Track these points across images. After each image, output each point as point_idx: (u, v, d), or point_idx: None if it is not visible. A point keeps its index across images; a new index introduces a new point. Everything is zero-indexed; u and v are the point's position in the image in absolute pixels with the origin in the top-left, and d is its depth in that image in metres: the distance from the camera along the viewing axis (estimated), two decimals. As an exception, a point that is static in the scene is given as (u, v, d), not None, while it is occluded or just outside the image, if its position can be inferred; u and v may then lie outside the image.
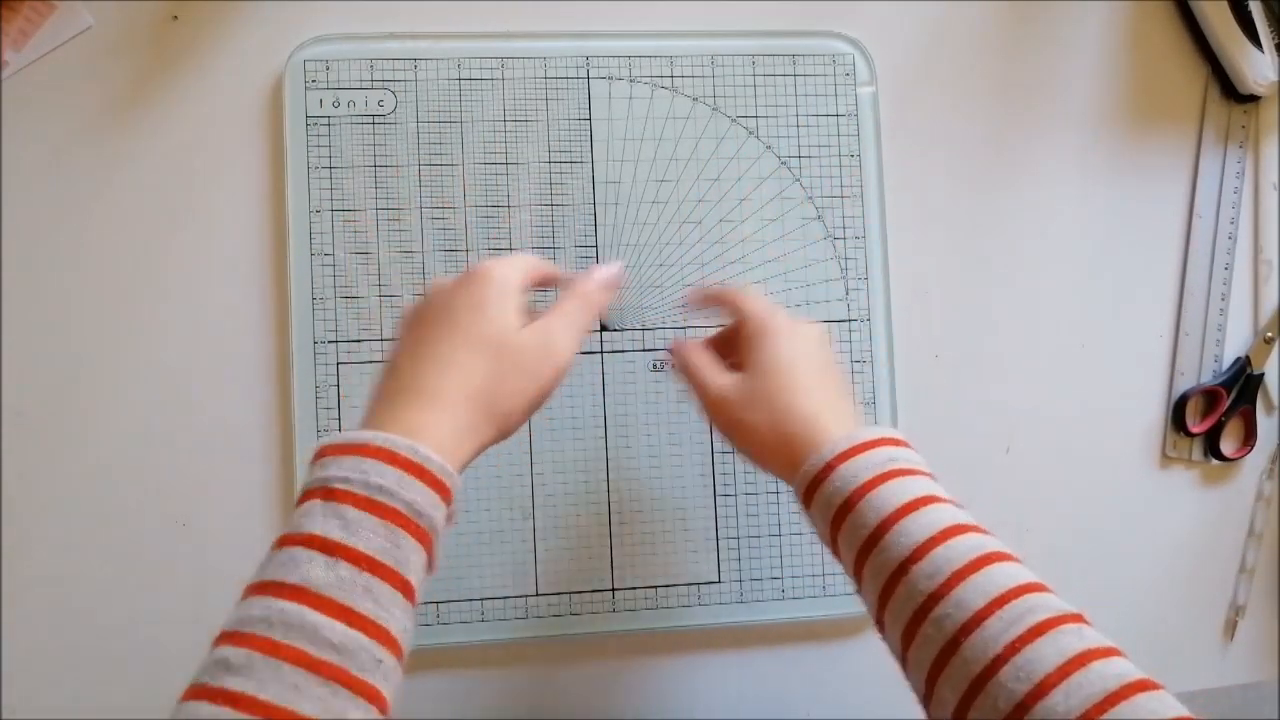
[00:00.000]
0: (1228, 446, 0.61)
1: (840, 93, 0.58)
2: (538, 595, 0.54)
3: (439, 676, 0.53)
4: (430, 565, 0.35)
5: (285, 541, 0.33)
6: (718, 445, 0.56)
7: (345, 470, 0.34)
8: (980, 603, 0.34)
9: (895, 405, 0.57)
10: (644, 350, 0.55)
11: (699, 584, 0.55)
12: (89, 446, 0.52)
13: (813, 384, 0.42)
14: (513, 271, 0.41)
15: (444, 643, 0.53)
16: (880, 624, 0.38)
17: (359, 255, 0.54)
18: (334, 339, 0.53)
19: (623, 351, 0.55)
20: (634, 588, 0.54)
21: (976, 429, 0.59)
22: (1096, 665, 0.32)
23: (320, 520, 0.33)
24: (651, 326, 0.56)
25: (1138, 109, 0.61)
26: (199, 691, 0.30)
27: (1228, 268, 0.61)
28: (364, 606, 0.32)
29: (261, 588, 0.32)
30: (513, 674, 0.54)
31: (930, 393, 0.58)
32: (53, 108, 0.53)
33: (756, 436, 0.42)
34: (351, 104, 0.54)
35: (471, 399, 0.37)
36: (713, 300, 0.48)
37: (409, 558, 0.33)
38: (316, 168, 0.54)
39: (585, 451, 0.55)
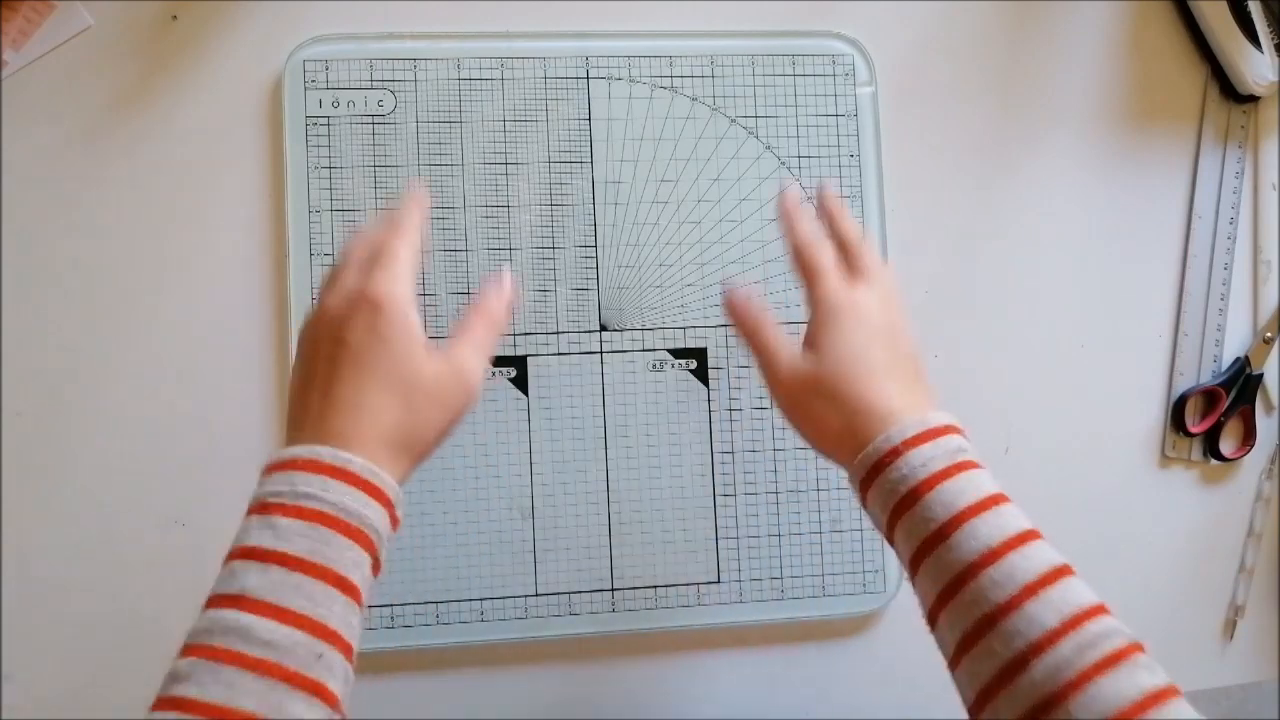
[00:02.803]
0: (1227, 446, 0.61)
1: (840, 93, 0.58)
2: (537, 595, 0.54)
3: (438, 677, 0.53)
4: (375, 564, 0.36)
5: (229, 557, 0.34)
6: (718, 445, 0.56)
7: (277, 484, 0.35)
8: (1054, 621, 0.33)
9: (895, 405, 0.57)
10: (644, 350, 0.55)
11: (699, 584, 0.55)
12: (88, 446, 0.52)
13: (884, 370, 0.41)
14: (403, 287, 0.39)
15: (443, 643, 0.53)
16: (933, 620, 0.37)
17: (359, 255, 0.54)
18: (334, 339, 0.53)
19: (623, 351, 0.55)
20: (634, 588, 0.54)
21: (976, 429, 0.58)
22: (1173, 703, 0.32)
23: (255, 533, 0.34)
24: (652, 326, 0.56)
25: (1137, 109, 0.61)
26: (154, 704, 0.32)
27: (1227, 268, 0.61)
28: (296, 603, 0.32)
29: (208, 603, 0.33)
30: (512, 674, 0.54)
31: (930, 393, 0.58)
32: (52, 107, 0.53)
33: (823, 425, 0.41)
34: (351, 104, 0.54)
35: (384, 438, 0.37)
36: (794, 263, 0.45)
37: (342, 555, 0.34)
38: (316, 168, 0.54)
39: (585, 451, 0.55)
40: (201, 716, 0.30)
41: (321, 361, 0.38)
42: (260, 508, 0.35)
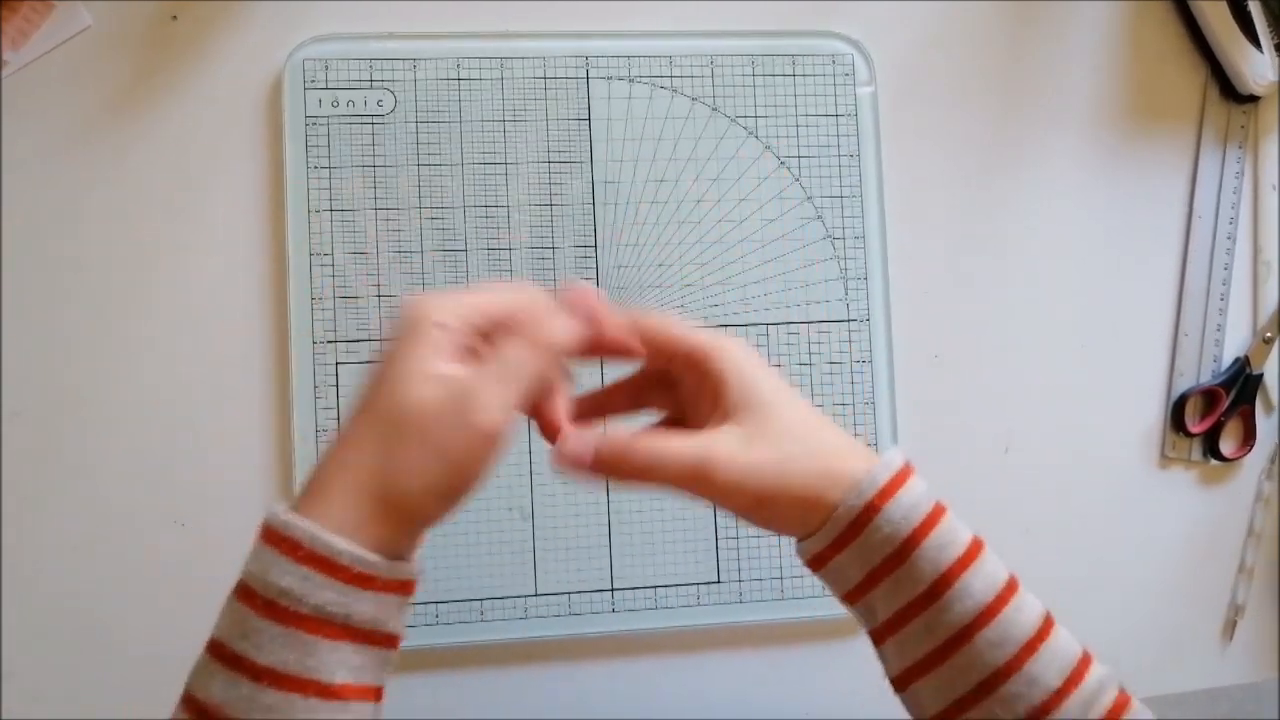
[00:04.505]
0: (1227, 446, 0.61)
1: (839, 93, 0.58)
2: (537, 595, 0.54)
3: (438, 677, 0.53)
4: (379, 640, 0.31)
5: (210, 639, 0.30)
6: (717, 445, 0.55)
7: (258, 562, 0.30)
8: (1056, 681, 0.32)
9: (895, 405, 0.57)
10: (643, 350, 0.55)
11: (699, 584, 0.55)
12: (88, 447, 0.52)
13: (818, 416, 0.36)
14: (441, 313, 0.31)
15: (443, 643, 0.53)
16: (906, 682, 0.34)
17: (358, 255, 0.54)
18: (332, 339, 0.53)
19: (622, 351, 0.55)
20: (634, 588, 0.54)
21: (976, 429, 0.59)
22: None
23: (226, 623, 0.30)
24: (651, 326, 0.56)
25: (1137, 109, 0.61)
26: None
27: (1227, 268, 0.61)
28: None
29: (184, 690, 0.30)
30: (512, 674, 0.54)
31: (930, 393, 0.58)
32: (51, 107, 0.53)
33: (788, 507, 0.34)
34: (350, 104, 0.54)
35: (362, 488, 0.30)
36: (634, 339, 0.37)
37: (327, 660, 0.29)
38: (315, 168, 0.54)
39: (585, 452, 0.55)
40: None
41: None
42: (239, 589, 0.30)
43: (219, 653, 0.29)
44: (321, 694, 0.29)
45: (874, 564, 0.34)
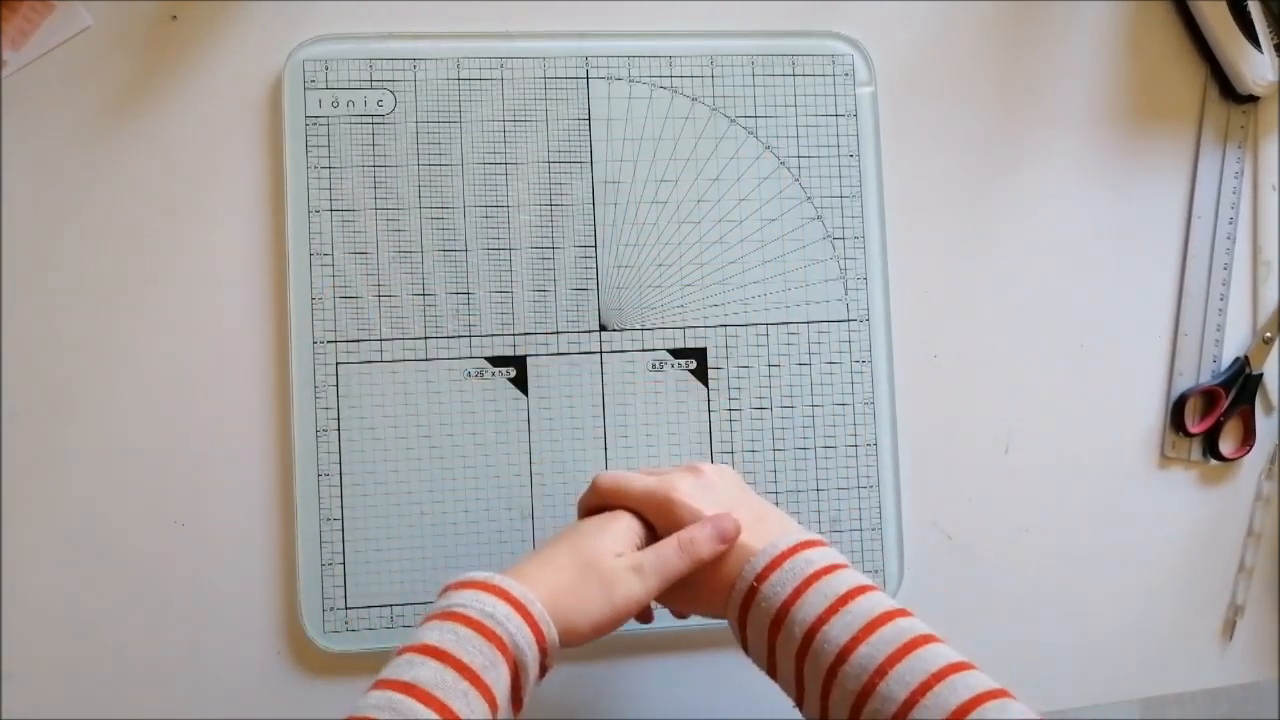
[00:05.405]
0: (1226, 446, 0.61)
1: (839, 93, 0.58)
2: (537, 595, 0.54)
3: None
4: (516, 700, 0.40)
5: (405, 650, 0.38)
6: (717, 445, 0.56)
7: (465, 600, 0.40)
8: (903, 693, 0.37)
9: (895, 405, 0.57)
10: (643, 350, 0.55)
11: (698, 584, 0.55)
12: (88, 447, 0.52)
13: (732, 504, 0.45)
14: (640, 525, 0.46)
15: (443, 643, 0.53)
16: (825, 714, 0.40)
17: (358, 255, 0.54)
18: (333, 339, 0.53)
19: (622, 351, 0.55)
20: (633, 588, 0.54)
21: (976, 429, 0.59)
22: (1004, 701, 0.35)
23: (436, 634, 0.38)
24: (651, 326, 0.56)
25: (1136, 109, 0.61)
26: None
27: (1226, 268, 0.61)
28: (458, 706, 0.37)
29: (379, 684, 0.37)
30: (512, 674, 0.54)
31: (930, 393, 0.58)
32: (51, 108, 0.53)
33: (708, 592, 0.44)
34: (350, 104, 0.54)
35: (550, 597, 0.41)
36: (599, 498, 0.48)
37: (500, 679, 0.38)
38: (315, 168, 0.54)
39: (585, 452, 0.55)
40: None
41: (566, 531, 0.45)
42: (445, 614, 0.39)
43: (430, 652, 0.38)
44: (489, 703, 0.38)
45: (764, 633, 0.41)
